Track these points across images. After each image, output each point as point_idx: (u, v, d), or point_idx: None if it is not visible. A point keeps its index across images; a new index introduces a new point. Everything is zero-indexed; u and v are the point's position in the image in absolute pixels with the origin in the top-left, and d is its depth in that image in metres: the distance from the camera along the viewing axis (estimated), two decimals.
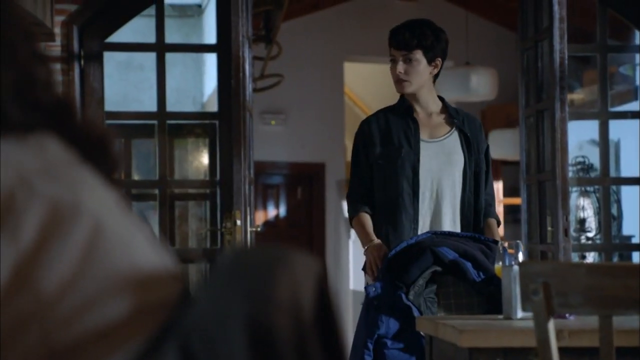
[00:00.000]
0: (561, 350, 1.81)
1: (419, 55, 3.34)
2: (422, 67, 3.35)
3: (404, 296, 2.92)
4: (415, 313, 2.87)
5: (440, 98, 3.50)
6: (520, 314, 2.42)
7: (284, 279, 0.77)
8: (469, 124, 3.43)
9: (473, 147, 3.37)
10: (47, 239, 0.75)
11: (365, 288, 3.09)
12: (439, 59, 3.40)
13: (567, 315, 2.32)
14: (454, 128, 3.40)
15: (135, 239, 0.82)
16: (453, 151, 3.34)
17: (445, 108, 3.46)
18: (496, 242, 3.08)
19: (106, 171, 0.85)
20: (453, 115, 3.42)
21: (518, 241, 2.55)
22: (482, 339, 2.17)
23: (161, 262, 0.83)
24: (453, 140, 3.38)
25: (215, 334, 0.74)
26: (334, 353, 0.81)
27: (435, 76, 3.44)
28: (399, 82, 3.37)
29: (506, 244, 2.58)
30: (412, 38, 3.33)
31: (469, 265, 2.96)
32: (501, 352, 2.17)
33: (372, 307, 3.00)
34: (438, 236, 3.07)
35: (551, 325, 1.75)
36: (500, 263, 2.51)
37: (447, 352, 2.36)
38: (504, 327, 2.30)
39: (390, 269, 3.01)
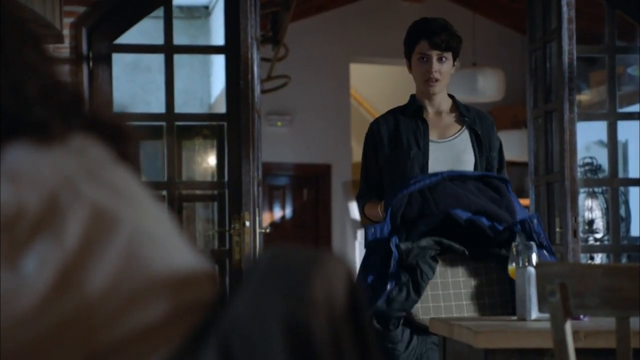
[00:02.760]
0: (576, 351, 1.81)
1: (449, 55, 3.34)
2: (450, 68, 3.37)
3: (394, 240, 2.98)
4: (393, 264, 2.92)
5: (451, 96, 3.47)
6: (534, 315, 2.41)
7: (319, 279, 0.78)
8: (480, 122, 3.40)
9: (484, 145, 3.35)
10: (90, 240, 0.75)
11: (366, 229, 3.10)
12: (457, 61, 3.41)
13: (581, 316, 2.32)
14: (464, 127, 3.37)
15: (172, 240, 0.83)
16: (463, 151, 3.32)
17: (456, 106, 3.43)
18: (504, 180, 3.13)
19: (133, 162, 0.86)
20: (464, 113, 3.39)
21: (532, 242, 2.55)
22: (498, 340, 2.17)
23: (196, 262, 0.84)
24: (463, 140, 3.35)
25: (253, 333, 0.74)
26: (365, 350, 0.82)
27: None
28: (430, 81, 3.35)
29: (519, 245, 2.57)
30: (450, 39, 3.33)
31: (483, 219, 2.97)
32: (516, 353, 2.16)
33: (370, 251, 3.07)
34: (448, 178, 3.11)
35: (568, 326, 1.74)
36: (514, 264, 2.50)
37: (461, 353, 2.36)
38: (519, 328, 2.29)
39: (397, 212, 3.04)
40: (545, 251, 3.05)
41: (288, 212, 8.77)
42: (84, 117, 0.84)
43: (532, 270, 2.42)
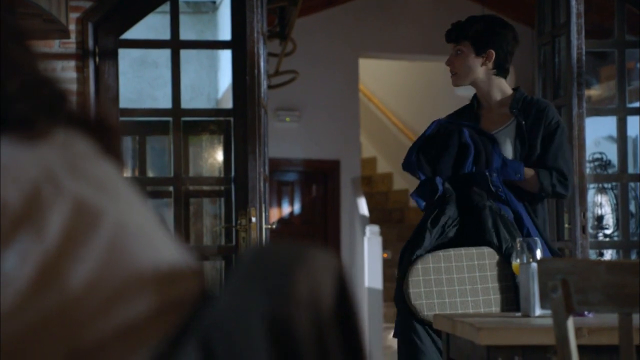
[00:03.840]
0: (580, 348, 1.79)
1: (466, 46, 3.27)
2: (470, 59, 3.26)
3: (439, 180, 3.13)
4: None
5: (515, 89, 3.36)
6: (538, 311, 2.39)
7: (303, 275, 0.77)
8: (529, 111, 3.26)
9: (529, 136, 3.24)
10: (72, 236, 0.75)
11: (411, 195, 3.27)
12: (491, 51, 3.26)
13: (586, 312, 2.30)
14: (512, 119, 3.28)
15: (156, 235, 0.82)
16: (502, 144, 3.24)
17: (512, 98, 3.31)
18: (492, 138, 3.24)
19: (116, 156, 0.85)
20: (513, 105, 3.28)
21: (536, 238, 2.52)
22: (500, 337, 2.15)
23: (182, 258, 0.83)
24: (506, 133, 3.26)
25: (235, 330, 0.74)
26: (353, 350, 0.81)
27: (500, 68, 3.31)
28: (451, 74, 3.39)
29: (524, 241, 2.55)
30: (455, 29, 3.30)
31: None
32: (519, 350, 2.14)
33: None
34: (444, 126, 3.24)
35: (570, 322, 1.72)
36: (519, 260, 2.48)
37: (464, 349, 2.34)
38: (523, 324, 2.27)
39: (423, 159, 3.21)
40: (506, 206, 3.12)
41: (297, 208, 8.76)
42: (69, 112, 0.83)
43: (536, 266, 2.40)
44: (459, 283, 2.98)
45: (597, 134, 6.34)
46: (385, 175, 11.19)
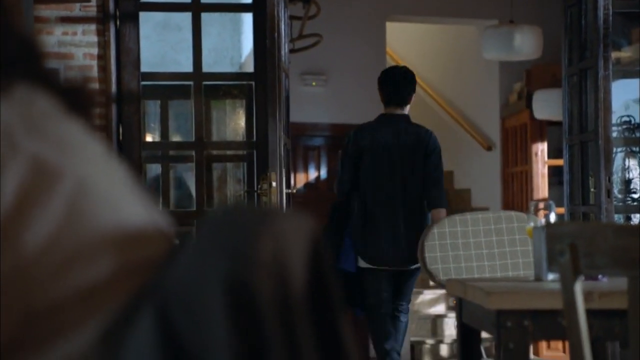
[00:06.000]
0: (591, 312, 1.76)
1: None
2: None
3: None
4: None
5: None
6: (551, 275, 2.36)
7: (267, 239, 0.74)
8: None
9: None
10: (28, 196, 0.73)
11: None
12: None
13: (599, 276, 2.26)
14: None
15: (123, 195, 0.79)
16: None
17: None
18: None
19: (86, 117, 0.83)
20: None
21: (550, 201, 2.49)
22: (510, 301, 2.13)
23: (150, 220, 0.81)
24: None
25: (193, 296, 0.71)
26: (325, 323, 0.78)
27: (384, 102, 5.18)
28: None
29: (540, 205, 2.51)
30: None
31: None
32: (529, 314, 2.12)
33: None
34: None
35: (578, 286, 1.69)
36: (532, 224, 2.45)
37: (476, 313, 2.32)
38: (533, 289, 2.24)
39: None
40: None
41: (323, 173, 8.72)
42: (35, 71, 0.81)
43: None
44: (475, 247, 2.95)
45: (627, 97, 6.22)
46: None
